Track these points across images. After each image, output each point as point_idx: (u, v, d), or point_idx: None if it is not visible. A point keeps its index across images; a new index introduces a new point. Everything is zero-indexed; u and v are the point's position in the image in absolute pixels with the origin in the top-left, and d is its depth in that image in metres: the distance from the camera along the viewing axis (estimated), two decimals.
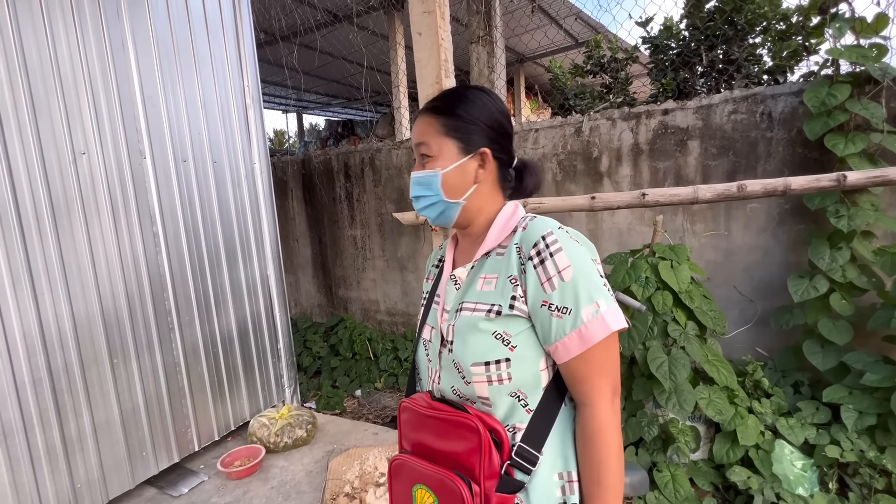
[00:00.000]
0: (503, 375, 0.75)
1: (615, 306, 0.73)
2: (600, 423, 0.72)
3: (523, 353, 0.75)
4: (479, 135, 0.82)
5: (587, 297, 0.71)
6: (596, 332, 0.71)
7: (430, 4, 1.97)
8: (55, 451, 1.81)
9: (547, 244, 0.74)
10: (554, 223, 0.78)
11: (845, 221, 2.11)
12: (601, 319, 0.71)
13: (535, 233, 0.76)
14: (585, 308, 0.71)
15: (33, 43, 1.74)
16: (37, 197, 1.75)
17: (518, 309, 0.75)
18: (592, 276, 0.73)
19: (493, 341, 0.76)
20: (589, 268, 0.74)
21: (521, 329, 0.76)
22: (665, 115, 2.76)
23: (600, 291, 0.73)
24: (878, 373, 1.97)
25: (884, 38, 2.16)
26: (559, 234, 0.75)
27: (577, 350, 0.72)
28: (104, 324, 1.95)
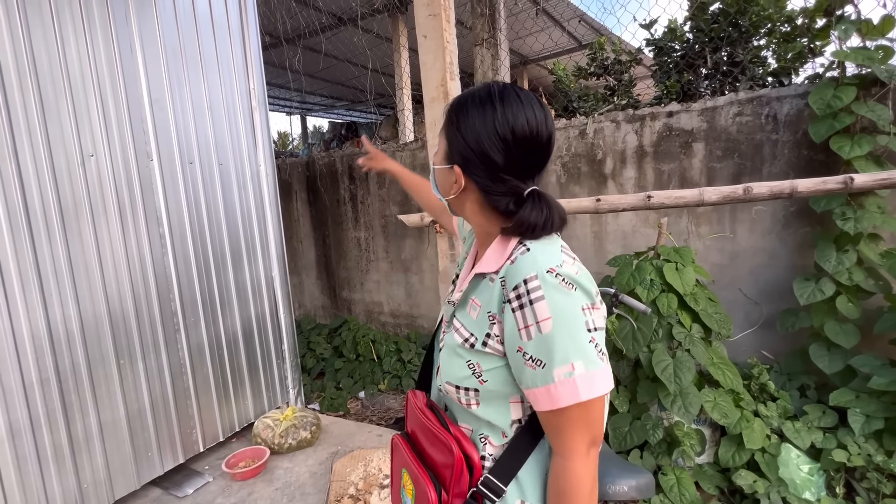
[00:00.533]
0: (471, 401, 0.75)
1: (598, 369, 0.66)
2: (572, 478, 0.68)
3: (493, 388, 0.73)
4: (459, 150, 0.76)
5: (562, 357, 0.65)
6: (564, 396, 0.65)
7: (436, 8, 1.98)
8: (62, 451, 1.82)
9: (528, 289, 0.67)
10: (545, 262, 0.68)
11: (852, 224, 2.10)
12: (572, 384, 0.65)
13: (520, 272, 0.68)
14: (558, 368, 0.65)
15: (43, 46, 1.76)
16: (45, 198, 1.77)
17: (492, 347, 0.72)
18: (575, 331, 0.66)
19: (467, 370, 0.74)
20: (573, 322, 0.66)
21: (494, 366, 0.73)
22: (669, 118, 2.76)
23: (580, 351, 0.65)
24: (886, 376, 1.96)
25: (890, 40, 2.15)
26: (545, 279, 0.66)
27: (546, 406, 0.67)
28: (111, 324, 1.97)
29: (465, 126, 0.75)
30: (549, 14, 5.07)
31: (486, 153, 0.73)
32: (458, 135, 0.75)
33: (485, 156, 0.73)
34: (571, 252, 0.75)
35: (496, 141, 0.72)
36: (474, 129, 0.73)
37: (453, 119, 0.77)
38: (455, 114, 0.77)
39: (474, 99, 0.75)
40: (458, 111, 0.76)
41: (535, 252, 0.70)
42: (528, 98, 0.74)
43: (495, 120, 0.72)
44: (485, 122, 0.73)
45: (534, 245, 0.72)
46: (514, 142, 0.72)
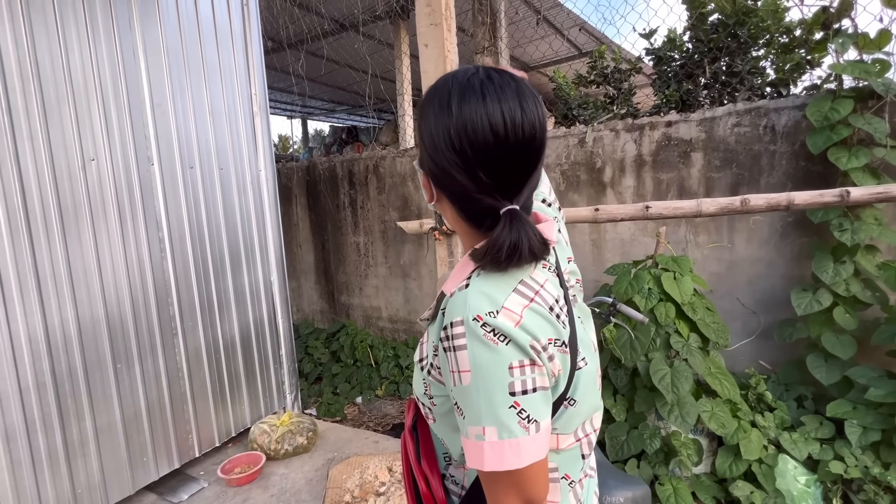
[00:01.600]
0: (429, 415, 0.72)
1: (514, 439, 0.56)
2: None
3: (440, 412, 0.68)
4: (426, 160, 0.63)
5: (473, 416, 0.57)
6: (472, 457, 0.58)
7: (437, 17, 1.99)
8: (57, 456, 1.81)
9: (453, 334, 0.58)
10: (476, 306, 0.57)
11: (849, 235, 2.11)
12: (479, 449, 0.57)
13: (450, 313, 0.60)
14: (471, 427, 0.58)
15: (47, 52, 1.77)
16: (46, 202, 1.77)
17: (434, 378, 0.67)
18: (491, 393, 0.56)
19: (423, 387, 0.71)
20: (492, 381, 0.56)
21: (439, 394, 0.67)
22: (669, 127, 2.78)
23: (493, 416, 0.56)
24: (883, 388, 1.96)
25: (886, 53, 2.17)
26: (469, 328, 0.57)
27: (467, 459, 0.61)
28: (108, 328, 1.96)
29: (424, 129, 0.61)
30: (549, 22, 5.11)
31: (445, 169, 0.59)
32: (421, 140, 0.62)
33: (444, 172, 0.60)
34: (536, 286, 0.61)
35: (450, 154, 0.58)
36: (430, 135, 0.60)
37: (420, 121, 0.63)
38: (420, 110, 0.63)
39: (428, 97, 0.61)
40: (421, 110, 0.62)
41: (472, 291, 0.59)
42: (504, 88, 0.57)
43: (450, 125, 0.57)
44: (438, 126, 0.58)
45: (477, 281, 0.60)
46: (474, 154, 0.57)
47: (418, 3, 2.03)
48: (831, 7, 2.28)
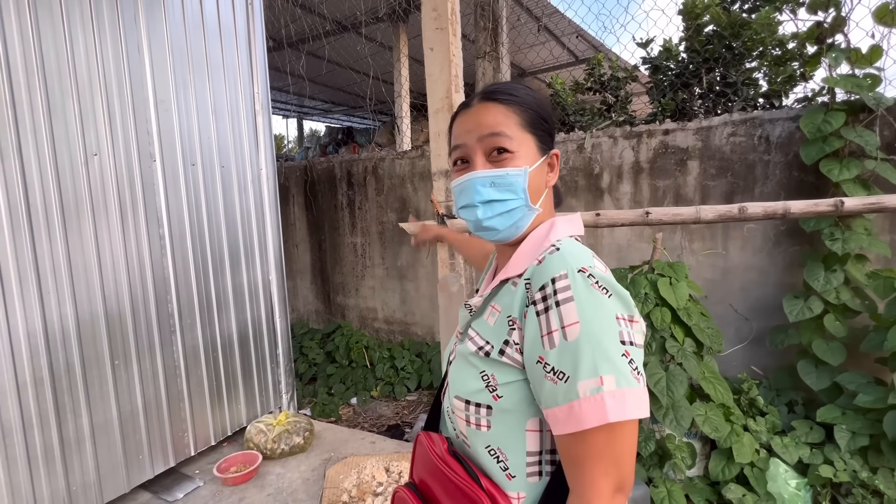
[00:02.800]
0: (482, 421, 0.66)
1: (632, 388, 0.56)
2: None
3: (508, 406, 0.64)
4: (549, 134, 0.73)
5: (589, 368, 0.56)
6: (588, 416, 0.55)
7: (443, 21, 2.02)
8: (52, 453, 1.79)
9: (556, 289, 0.59)
10: (577, 261, 0.61)
11: (840, 244, 2.16)
12: (600, 401, 0.55)
13: (549, 271, 0.61)
14: (584, 381, 0.56)
15: (52, 45, 1.76)
16: (48, 196, 1.76)
17: (509, 357, 0.64)
18: (605, 341, 0.56)
19: (480, 382, 0.66)
20: (605, 329, 0.57)
21: (512, 379, 0.64)
22: (666, 135, 2.83)
23: (611, 364, 0.56)
24: (871, 394, 2.01)
25: (878, 68, 2.24)
26: (575, 279, 0.59)
27: (565, 428, 0.57)
28: (107, 325, 1.95)
29: (547, 109, 0.74)
30: (548, 29, 5.17)
31: (553, 122, 0.75)
32: (547, 118, 0.73)
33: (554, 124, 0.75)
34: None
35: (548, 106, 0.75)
36: (549, 109, 0.74)
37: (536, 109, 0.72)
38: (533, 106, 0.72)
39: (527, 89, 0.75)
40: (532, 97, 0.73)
41: (566, 251, 0.63)
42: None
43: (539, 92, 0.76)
44: (541, 96, 0.74)
45: (565, 245, 0.64)
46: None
47: (424, 7, 2.06)
48: (825, 22, 2.34)
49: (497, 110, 0.70)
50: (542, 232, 0.70)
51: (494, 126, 0.69)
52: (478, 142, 0.70)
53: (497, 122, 0.69)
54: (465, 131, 0.71)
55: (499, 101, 0.70)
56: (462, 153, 0.72)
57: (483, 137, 0.69)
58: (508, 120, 0.69)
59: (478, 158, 0.70)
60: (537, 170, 0.71)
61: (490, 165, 0.69)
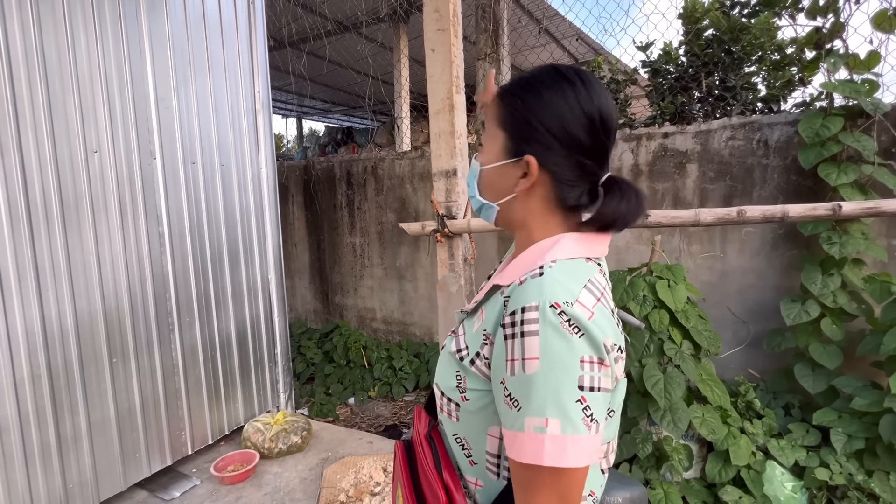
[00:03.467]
0: (452, 413, 0.69)
1: (577, 436, 0.55)
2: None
3: (472, 408, 0.66)
4: (534, 139, 0.65)
5: (538, 407, 0.55)
6: (527, 452, 0.56)
7: (445, 22, 2.03)
8: (49, 450, 1.79)
9: (523, 319, 0.58)
10: (553, 293, 0.58)
11: (837, 248, 2.18)
12: (539, 442, 0.55)
13: (523, 297, 0.59)
14: (530, 418, 0.55)
15: (53, 42, 1.76)
16: (47, 193, 1.76)
17: (478, 368, 0.65)
18: (561, 383, 0.55)
19: (454, 380, 0.68)
20: (562, 372, 0.55)
21: (478, 388, 0.65)
22: (665, 138, 2.84)
23: (560, 409, 0.55)
24: (867, 397, 2.02)
25: (875, 74, 2.25)
26: (545, 314, 0.57)
27: (510, 452, 0.58)
28: (105, 322, 1.95)
29: (539, 107, 0.65)
30: (548, 32, 5.19)
31: (577, 137, 0.64)
32: (529, 118, 0.65)
33: (574, 139, 0.64)
34: (601, 287, 0.64)
35: (583, 119, 0.64)
36: (556, 111, 0.64)
37: (518, 104, 0.66)
38: (520, 98, 0.66)
39: (541, 80, 0.67)
40: (526, 93, 0.66)
41: (548, 279, 0.60)
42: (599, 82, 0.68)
43: (579, 96, 0.64)
44: (566, 99, 0.64)
45: (552, 271, 0.61)
46: (600, 121, 0.64)
47: (426, 9, 2.06)
48: (824, 28, 2.36)
49: (496, 101, 0.71)
50: (544, 246, 0.67)
51: (485, 116, 0.72)
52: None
53: (488, 115, 0.71)
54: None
55: (503, 91, 0.70)
56: None
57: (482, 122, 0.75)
58: (492, 111, 0.70)
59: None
60: (496, 171, 0.70)
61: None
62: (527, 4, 4.44)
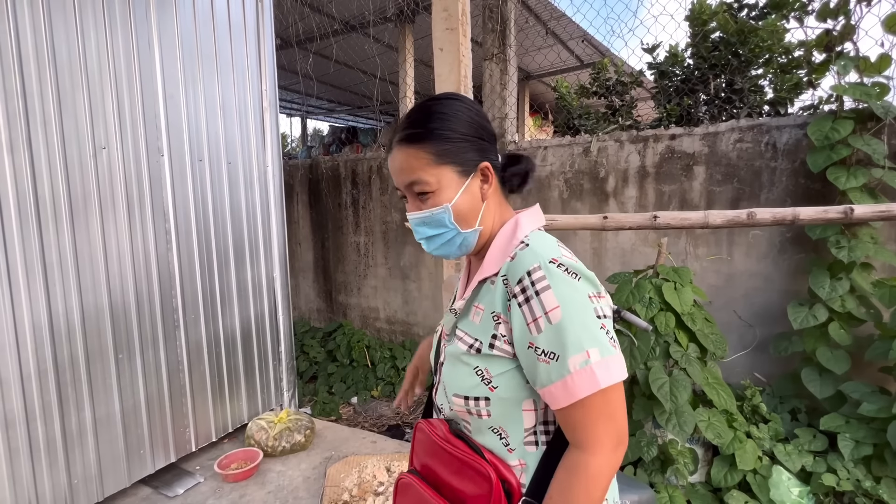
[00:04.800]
0: (482, 412, 0.72)
1: (613, 356, 0.64)
2: (592, 472, 0.63)
3: (504, 394, 0.70)
4: (473, 150, 0.74)
5: (576, 345, 0.63)
6: (582, 387, 0.63)
7: (454, 22, 2.02)
8: (55, 445, 1.79)
9: (533, 280, 0.66)
10: (546, 253, 0.68)
11: (846, 252, 2.16)
12: (589, 372, 0.63)
13: (522, 266, 0.67)
14: (573, 357, 0.63)
15: (64, 39, 1.76)
16: (56, 189, 1.76)
17: (499, 349, 0.70)
18: (586, 319, 0.64)
19: (475, 378, 0.71)
20: (582, 309, 0.65)
21: (504, 370, 0.70)
22: (672, 140, 2.83)
23: (593, 338, 0.64)
24: (875, 403, 2.00)
25: (886, 77, 2.24)
26: (549, 269, 0.66)
27: (563, 401, 0.65)
28: (112, 318, 1.95)
29: (459, 126, 0.73)
30: (554, 33, 5.18)
31: (488, 129, 0.77)
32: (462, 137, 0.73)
33: (488, 132, 0.77)
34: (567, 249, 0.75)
35: (482, 119, 0.77)
36: (466, 120, 0.74)
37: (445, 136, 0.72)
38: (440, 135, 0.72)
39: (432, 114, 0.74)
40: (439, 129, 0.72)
41: (534, 245, 0.70)
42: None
43: (466, 108, 0.75)
44: (463, 113, 0.74)
45: (533, 240, 0.71)
46: (485, 118, 0.78)
47: (435, 8, 2.06)
48: (834, 30, 2.34)
49: (409, 154, 0.73)
50: (508, 231, 0.76)
51: (409, 173, 0.73)
52: (405, 188, 0.75)
53: (411, 168, 0.73)
54: (393, 175, 0.77)
55: (409, 141, 0.73)
56: (401, 192, 0.78)
57: (405, 185, 0.74)
58: (420, 161, 0.72)
59: (410, 200, 0.76)
60: (464, 196, 0.74)
61: (420, 206, 0.75)
62: (534, 5, 4.44)
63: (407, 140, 0.73)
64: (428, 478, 0.79)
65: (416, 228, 0.77)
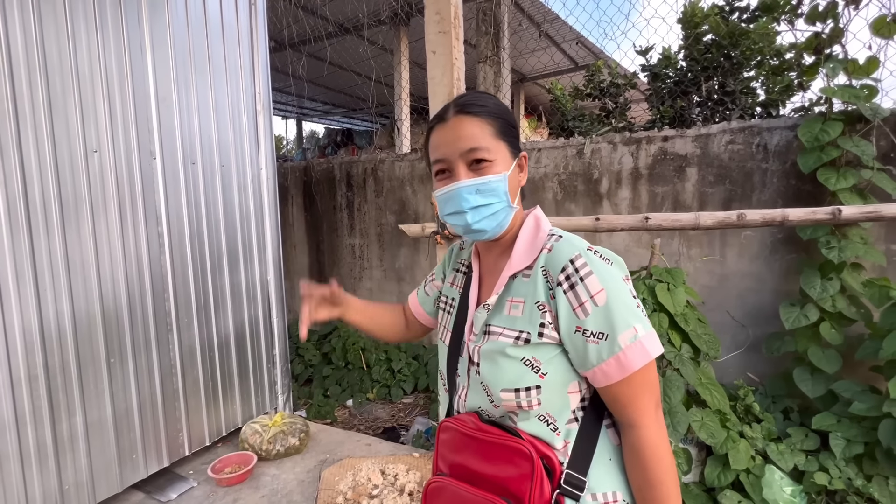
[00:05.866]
0: (532, 402, 0.73)
1: (651, 330, 0.71)
2: (651, 443, 0.70)
3: (554, 378, 0.73)
4: (516, 139, 0.82)
5: (623, 323, 0.69)
6: (635, 359, 0.69)
7: (446, 25, 2.03)
8: (45, 451, 1.77)
9: (576, 268, 0.71)
10: (581, 243, 0.75)
11: (836, 253, 2.18)
12: (640, 346, 0.69)
13: (563, 256, 0.73)
14: (623, 334, 0.69)
15: (54, 41, 1.76)
16: (46, 192, 1.75)
17: (547, 336, 0.73)
18: (626, 298, 0.71)
19: (523, 368, 0.73)
20: (622, 290, 0.71)
21: (552, 355, 0.73)
22: (665, 142, 2.85)
23: (636, 315, 0.70)
24: (866, 402, 2.02)
25: (874, 79, 2.26)
26: (589, 257, 0.72)
27: (616, 377, 0.70)
28: (104, 322, 1.94)
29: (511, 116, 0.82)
30: (548, 35, 5.21)
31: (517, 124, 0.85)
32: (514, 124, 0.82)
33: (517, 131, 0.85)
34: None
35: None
36: (509, 112, 0.82)
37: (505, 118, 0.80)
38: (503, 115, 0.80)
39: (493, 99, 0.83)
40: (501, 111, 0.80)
41: (567, 237, 0.77)
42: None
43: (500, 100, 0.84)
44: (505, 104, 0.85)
45: (564, 234, 0.78)
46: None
47: (427, 11, 2.07)
48: (823, 33, 2.37)
49: (473, 123, 0.76)
50: (532, 226, 0.81)
51: (473, 139, 0.76)
52: (460, 155, 0.76)
53: (475, 135, 0.76)
54: (445, 143, 0.77)
55: (473, 113, 0.77)
56: (444, 165, 0.79)
57: (464, 151, 0.76)
58: (483, 131, 0.76)
59: (461, 169, 0.77)
60: (512, 173, 0.80)
61: (472, 174, 0.76)
62: (527, 8, 4.46)
63: (469, 111, 0.77)
64: (460, 475, 0.78)
65: (464, 197, 0.76)
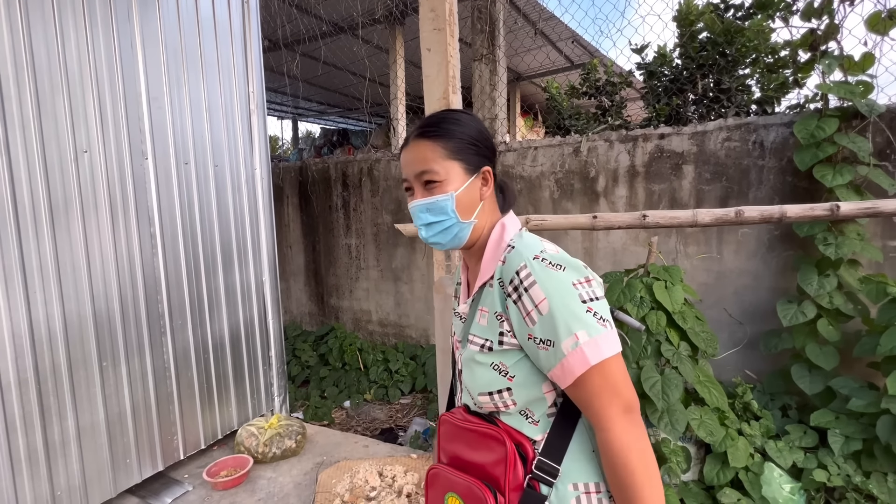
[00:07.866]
0: (507, 402, 0.78)
1: (601, 335, 0.70)
2: (616, 445, 0.70)
3: (522, 380, 0.77)
4: (478, 155, 0.84)
5: (565, 330, 0.70)
6: (576, 366, 0.70)
7: (441, 22, 2.01)
8: (36, 456, 1.75)
9: (521, 279, 0.74)
10: (529, 252, 0.76)
11: (833, 249, 2.18)
12: (580, 353, 0.69)
13: (511, 267, 0.76)
14: (564, 342, 0.70)
15: (42, 40, 1.73)
16: (35, 193, 1.73)
17: (508, 343, 0.78)
18: (571, 305, 0.71)
19: (493, 373, 0.79)
20: (567, 296, 0.72)
21: (516, 359, 0.78)
22: (661, 140, 2.84)
23: (579, 321, 0.70)
24: (864, 398, 2.02)
25: (870, 76, 2.26)
26: (532, 266, 0.74)
27: (566, 381, 0.72)
28: (95, 325, 1.91)
29: (470, 133, 0.84)
30: (544, 34, 5.20)
31: (492, 144, 0.87)
32: (472, 142, 0.84)
33: (492, 146, 0.87)
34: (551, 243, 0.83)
35: (488, 135, 0.88)
36: (476, 131, 0.84)
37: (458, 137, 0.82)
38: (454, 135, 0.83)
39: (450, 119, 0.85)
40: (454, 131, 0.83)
41: (519, 247, 0.79)
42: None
43: (476, 123, 0.86)
44: (474, 126, 0.85)
45: (517, 242, 0.80)
46: (490, 136, 0.88)
47: (422, 9, 2.05)
48: (819, 30, 2.37)
49: (425, 146, 0.82)
50: (497, 236, 0.85)
51: (423, 162, 0.82)
52: (415, 177, 0.83)
53: (426, 158, 0.82)
54: (406, 165, 0.85)
55: (427, 136, 0.82)
56: (408, 184, 0.86)
57: (417, 173, 0.83)
58: (435, 154, 0.81)
59: (418, 189, 0.84)
60: (466, 190, 0.83)
61: (426, 194, 0.83)
62: (523, 6, 4.44)
63: (424, 135, 0.83)
64: (454, 463, 0.86)
65: (418, 215, 0.84)
